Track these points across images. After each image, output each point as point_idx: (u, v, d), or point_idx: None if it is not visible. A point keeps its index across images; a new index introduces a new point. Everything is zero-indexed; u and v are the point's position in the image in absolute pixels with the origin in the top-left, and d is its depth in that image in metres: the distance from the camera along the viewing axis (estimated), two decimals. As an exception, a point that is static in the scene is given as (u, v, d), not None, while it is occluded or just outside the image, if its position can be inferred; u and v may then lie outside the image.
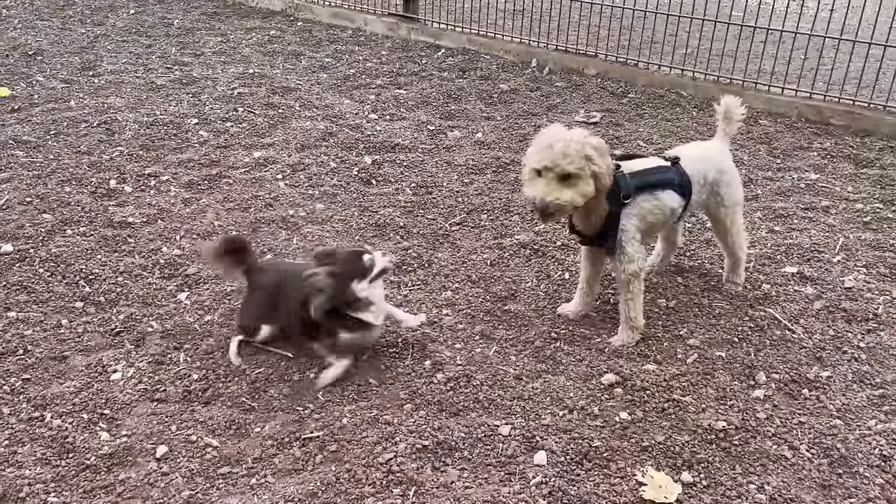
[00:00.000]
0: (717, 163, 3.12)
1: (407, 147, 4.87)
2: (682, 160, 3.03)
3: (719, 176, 3.11)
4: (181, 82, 5.96)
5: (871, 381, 2.79)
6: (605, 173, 2.76)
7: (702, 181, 3.07)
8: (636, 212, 2.92)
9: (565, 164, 2.69)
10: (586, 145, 2.73)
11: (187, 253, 3.61)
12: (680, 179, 2.99)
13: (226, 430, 2.57)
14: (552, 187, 2.72)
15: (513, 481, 2.37)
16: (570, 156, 2.69)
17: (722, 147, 3.23)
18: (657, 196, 2.95)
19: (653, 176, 2.96)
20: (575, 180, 2.72)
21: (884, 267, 3.50)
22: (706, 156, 3.14)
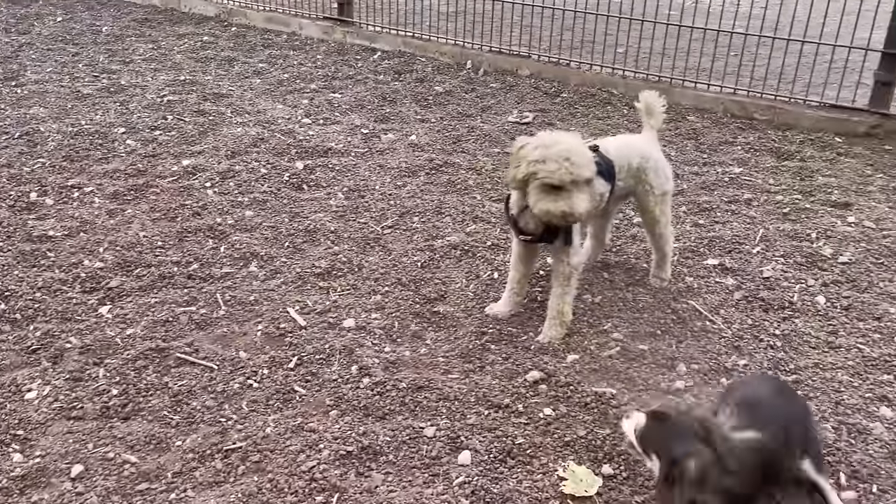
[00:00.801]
0: (642, 150, 3.19)
1: (340, 151, 4.85)
2: (603, 148, 3.09)
3: (644, 162, 3.17)
4: (109, 91, 5.82)
5: (786, 367, 2.88)
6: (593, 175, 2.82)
7: (625, 166, 3.12)
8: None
9: (586, 173, 2.73)
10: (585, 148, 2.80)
11: (110, 265, 3.53)
12: (604, 165, 3.04)
13: (145, 446, 2.52)
14: (580, 199, 2.72)
15: (436, 482, 2.37)
16: (587, 164, 2.74)
17: (647, 138, 3.29)
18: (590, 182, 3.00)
19: None
20: (586, 186, 2.77)
21: (800, 256, 3.61)
22: (629, 143, 3.22)
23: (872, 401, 2.69)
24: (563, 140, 2.77)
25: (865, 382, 2.79)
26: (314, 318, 3.20)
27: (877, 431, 2.54)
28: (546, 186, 2.74)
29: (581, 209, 2.73)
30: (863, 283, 3.39)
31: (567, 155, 2.70)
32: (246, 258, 3.63)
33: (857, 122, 5.09)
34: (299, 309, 3.25)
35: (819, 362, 2.90)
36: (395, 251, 3.73)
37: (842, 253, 3.62)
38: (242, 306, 3.28)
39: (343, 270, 3.56)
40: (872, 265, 3.53)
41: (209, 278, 3.47)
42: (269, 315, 3.21)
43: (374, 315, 3.23)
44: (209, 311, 3.23)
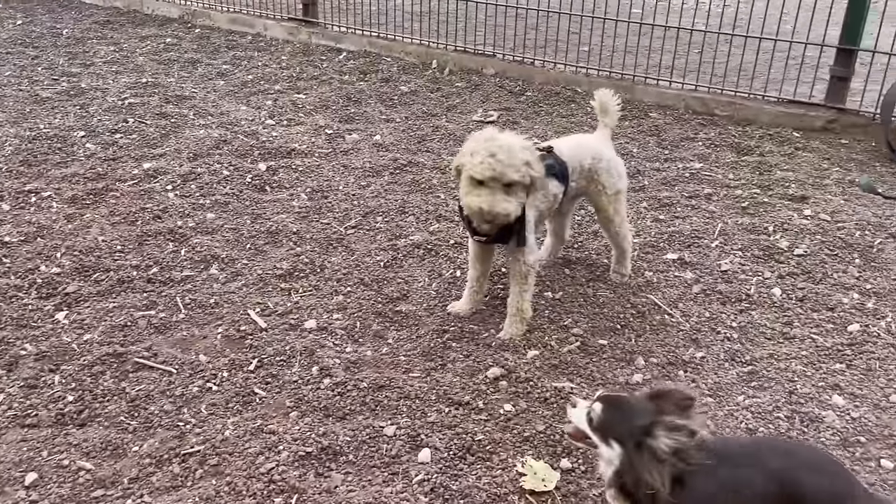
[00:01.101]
0: (593, 150, 3.21)
1: (303, 152, 4.83)
2: (557, 148, 3.10)
3: (596, 163, 3.19)
4: (69, 94, 5.74)
5: (742, 358, 2.93)
6: (539, 177, 2.81)
7: (578, 167, 3.15)
8: (532, 201, 2.97)
9: (512, 174, 2.70)
10: (525, 151, 2.76)
11: (67, 271, 3.48)
12: (557, 166, 3.07)
13: (101, 452, 2.49)
14: (499, 198, 2.72)
15: (396, 481, 2.38)
16: (516, 165, 2.71)
17: (600, 137, 3.32)
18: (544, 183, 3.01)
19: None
20: (516, 187, 2.75)
21: (757, 249, 3.67)
22: (582, 143, 3.24)
23: (825, 389, 2.75)
24: (502, 138, 2.76)
25: (818, 372, 2.84)
26: (275, 319, 3.19)
27: (829, 419, 2.59)
28: (472, 180, 2.75)
29: (499, 209, 2.70)
30: (817, 275, 3.46)
31: (495, 151, 2.70)
32: (207, 261, 3.60)
33: (814, 116, 5.19)
34: (260, 311, 3.24)
35: (774, 353, 2.95)
36: (359, 251, 3.73)
37: (798, 245, 3.69)
38: (203, 309, 3.25)
39: (305, 271, 3.54)
40: (827, 257, 3.60)
41: (169, 282, 3.44)
42: (229, 318, 3.19)
43: (335, 315, 3.22)
44: (169, 315, 3.20)
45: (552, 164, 3.03)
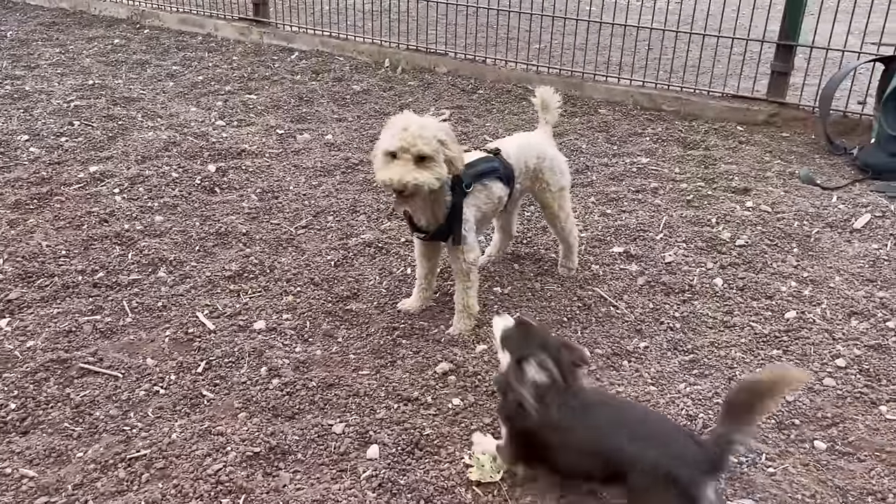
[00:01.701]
0: (537, 150, 3.26)
1: (254, 153, 4.80)
2: (504, 151, 3.15)
3: (540, 162, 3.24)
4: (12, 97, 5.62)
5: (684, 347, 3.00)
6: (458, 158, 2.83)
7: (523, 168, 3.19)
8: (473, 201, 3.02)
9: (421, 145, 2.72)
10: (439, 130, 2.79)
11: (10, 277, 3.41)
12: (503, 169, 3.11)
13: (45, 459, 2.46)
14: (409, 168, 2.73)
15: (344, 478, 2.39)
16: (426, 137, 2.73)
17: (543, 135, 3.37)
18: (486, 185, 3.05)
19: (482, 166, 3.06)
20: (430, 163, 2.76)
21: (701, 241, 3.76)
22: (526, 144, 3.27)
23: (762, 375, 2.83)
24: (416, 117, 2.81)
25: (756, 358, 2.93)
26: (224, 321, 3.17)
27: (765, 403, 2.67)
28: (385, 155, 2.79)
29: (408, 179, 2.71)
30: (758, 265, 3.56)
31: (405, 125, 2.75)
32: (155, 264, 3.57)
33: (756, 111, 5.33)
34: (209, 313, 3.22)
35: (715, 341, 3.03)
36: (309, 251, 3.73)
37: (739, 236, 3.79)
38: (150, 313, 3.22)
39: (255, 272, 3.53)
40: (767, 247, 3.71)
41: (116, 286, 3.40)
42: (177, 320, 3.17)
43: (285, 316, 3.22)
44: (115, 320, 3.16)
45: (497, 167, 3.08)
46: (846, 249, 3.68)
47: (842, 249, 3.68)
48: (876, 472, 2.41)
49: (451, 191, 2.94)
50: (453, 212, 2.97)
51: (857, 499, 2.32)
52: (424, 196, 2.84)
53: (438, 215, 2.98)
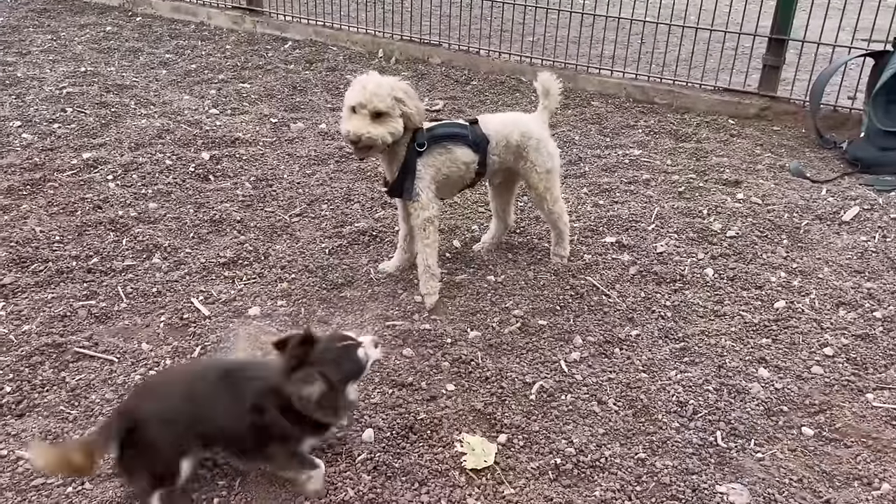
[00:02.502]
0: (523, 127, 3.30)
1: (248, 141, 4.80)
2: (484, 123, 3.27)
3: (524, 140, 3.29)
4: (3, 83, 5.59)
5: (675, 335, 3.04)
6: (414, 114, 3.05)
7: (504, 142, 3.27)
8: (431, 161, 3.18)
9: (377, 102, 2.96)
10: (396, 88, 3.01)
11: (3, 262, 3.41)
12: (473, 137, 3.22)
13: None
14: (365, 122, 2.98)
15: (339, 461, 2.41)
16: (381, 95, 2.96)
17: (536, 117, 3.40)
18: (450, 149, 3.19)
19: (445, 129, 3.22)
20: (385, 118, 2.99)
21: (692, 231, 3.80)
22: (512, 120, 3.34)
23: (752, 363, 2.88)
24: (374, 76, 3.04)
25: (746, 346, 2.97)
26: (219, 307, 3.19)
27: (754, 391, 2.72)
28: (348, 110, 3.02)
29: (363, 132, 2.96)
30: (748, 255, 3.60)
31: (365, 83, 2.99)
32: (149, 250, 3.57)
33: (747, 104, 5.37)
34: (203, 299, 3.23)
35: (705, 330, 3.07)
36: (303, 239, 3.74)
37: (730, 227, 3.83)
38: (145, 298, 3.23)
39: (249, 259, 3.54)
40: (757, 238, 3.75)
41: (110, 271, 3.41)
42: (172, 306, 3.18)
43: (280, 302, 3.24)
44: (110, 305, 3.17)
45: (461, 132, 3.21)
46: (835, 241, 3.73)
47: (831, 241, 3.73)
48: (862, 458, 2.45)
49: (406, 148, 3.13)
50: (405, 168, 3.15)
51: (843, 484, 2.37)
52: (381, 149, 3.08)
53: (394, 170, 3.19)
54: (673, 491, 2.30)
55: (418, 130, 3.15)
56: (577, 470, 2.38)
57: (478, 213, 4.05)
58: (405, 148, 3.14)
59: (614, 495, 2.29)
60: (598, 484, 2.33)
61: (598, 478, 2.35)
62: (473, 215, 4.03)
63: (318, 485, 2.27)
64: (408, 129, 3.08)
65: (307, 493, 2.27)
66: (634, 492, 2.30)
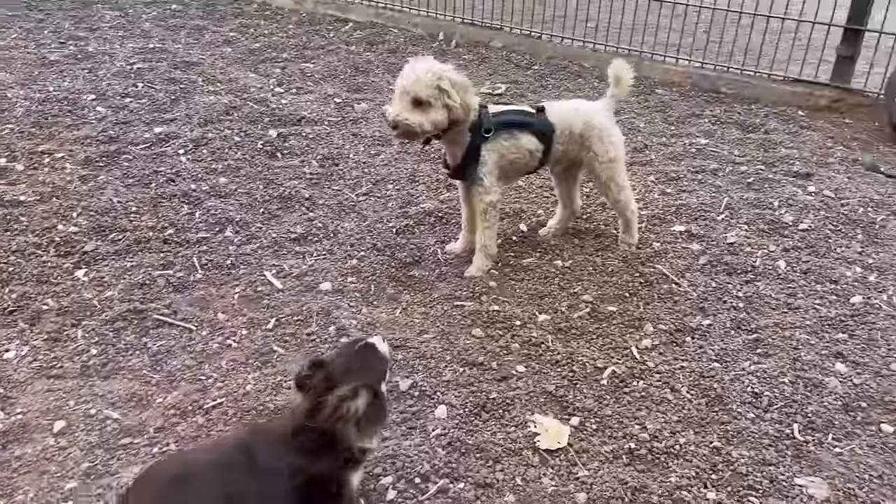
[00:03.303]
0: (587, 117, 3.29)
1: (313, 120, 4.86)
2: (550, 111, 3.27)
3: (587, 130, 3.28)
4: (76, 57, 5.74)
5: (748, 326, 3.00)
6: (457, 107, 3.02)
7: (567, 132, 3.27)
8: (495, 147, 3.19)
9: (418, 90, 2.95)
10: (442, 77, 2.98)
11: (84, 230, 3.52)
12: (539, 125, 3.22)
13: (126, 403, 2.56)
14: (405, 108, 2.99)
15: (413, 435, 2.45)
16: (424, 83, 2.95)
17: (600, 106, 3.37)
18: (516, 135, 3.21)
19: (512, 116, 3.23)
20: (426, 107, 2.98)
21: (762, 223, 3.74)
22: (577, 109, 3.34)
23: (828, 357, 2.83)
24: (424, 62, 3.03)
25: (822, 341, 2.92)
26: (291, 281, 3.25)
27: (831, 385, 2.68)
28: (396, 92, 3.05)
29: (401, 118, 2.97)
30: (821, 249, 3.53)
31: (413, 68, 3.00)
32: (221, 223, 3.65)
33: (819, 96, 5.24)
34: (276, 272, 3.29)
35: (779, 322, 3.03)
36: (371, 218, 3.78)
37: (802, 220, 3.76)
38: (219, 270, 3.31)
39: (319, 236, 3.60)
40: (831, 232, 3.67)
41: (185, 243, 3.49)
42: (245, 278, 3.25)
43: (350, 279, 3.29)
44: (186, 275, 3.25)
45: (528, 121, 3.22)
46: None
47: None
48: (944, 458, 2.40)
49: (471, 134, 3.13)
50: (469, 153, 3.17)
51: (924, 482, 2.32)
52: (421, 138, 3.10)
53: (457, 155, 3.20)
54: (750, 481, 2.29)
55: (483, 115, 3.15)
56: (652, 455, 2.38)
57: (543, 198, 4.04)
58: (469, 133, 3.14)
59: (690, 482, 2.28)
60: (672, 470, 2.33)
61: (673, 464, 2.35)
62: (539, 199, 4.02)
63: None
64: (454, 121, 3.04)
65: None
66: (710, 480, 2.30)
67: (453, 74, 3.03)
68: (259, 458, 1.84)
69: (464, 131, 3.13)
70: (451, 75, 3.02)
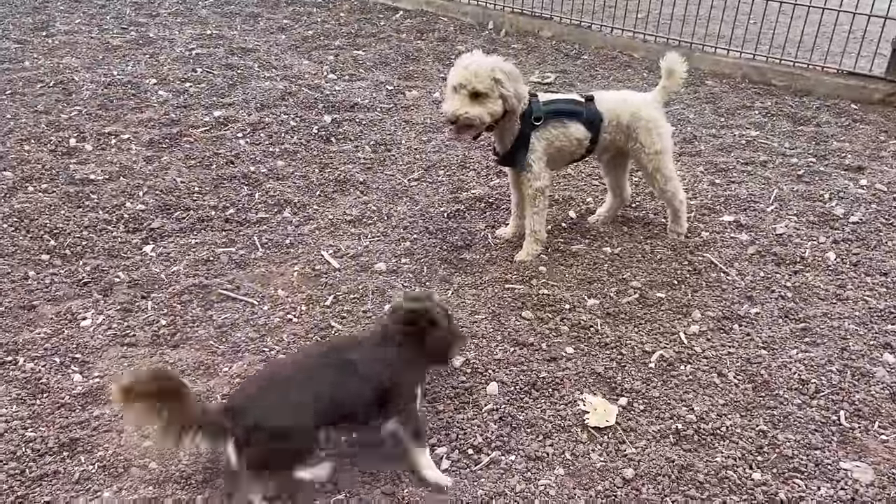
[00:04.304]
0: (635, 108, 3.34)
1: (366, 106, 4.97)
2: (599, 100, 3.33)
3: (634, 121, 3.33)
4: (137, 43, 5.94)
5: (796, 316, 3.04)
6: (511, 96, 3.11)
7: (615, 122, 3.33)
8: (545, 135, 3.27)
9: (476, 83, 3.04)
10: (496, 69, 3.07)
11: (151, 208, 3.69)
12: (588, 114, 3.29)
13: (195, 371, 2.70)
14: (464, 103, 3.07)
15: (466, 409, 2.55)
16: (481, 76, 3.04)
17: (650, 98, 3.40)
18: (565, 124, 3.29)
19: (562, 105, 3.30)
20: (484, 99, 3.07)
21: (812, 215, 3.75)
22: (625, 100, 3.38)
23: (876, 347, 2.85)
24: (476, 56, 3.12)
25: (870, 331, 2.94)
26: (347, 261, 3.37)
27: (879, 374, 2.70)
28: (451, 89, 3.12)
29: (461, 112, 3.05)
30: (872, 242, 3.53)
31: (467, 64, 3.07)
32: (280, 205, 3.79)
33: (872, 89, 5.18)
34: (333, 252, 3.42)
35: (827, 312, 3.05)
36: (422, 202, 3.88)
37: (853, 213, 3.76)
38: (278, 249, 3.45)
39: (373, 219, 3.71)
40: (882, 225, 3.66)
41: (245, 222, 3.64)
42: (304, 257, 3.38)
43: (403, 260, 3.39)
44: (247, 253, 3.40)
45: (577, 110, 3.29)
46: (966, 233, 3.61)
47: (961, 233, 3.61)
48: None
49: (521, 122, 3.21)
50: (519, 140, 3.25)
51: (972, 472, 2.35)
52: (480, 130, 3.16)
53: (506, 142, 3.29)
54: (795, 463, 2.34)
55: (533, 103, 3.22)
56: (698, 436, 2.44)
57: (592, 186, 4.10)
58: (519, 121, 3.22)
59: (735, 462, 2.35)
60: (719, 451, 2.39)
61: (720, 445, 2.41)
62: (588, 187, 4.08)
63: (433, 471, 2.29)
64: (508, 110, 3.14)
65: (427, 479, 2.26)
66: (756, 461, 2.35)
67: (505, 65, 3.12)
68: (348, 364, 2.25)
69: (514, 120, 3.21)
70: (503, 65, 3.11)
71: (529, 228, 3.40)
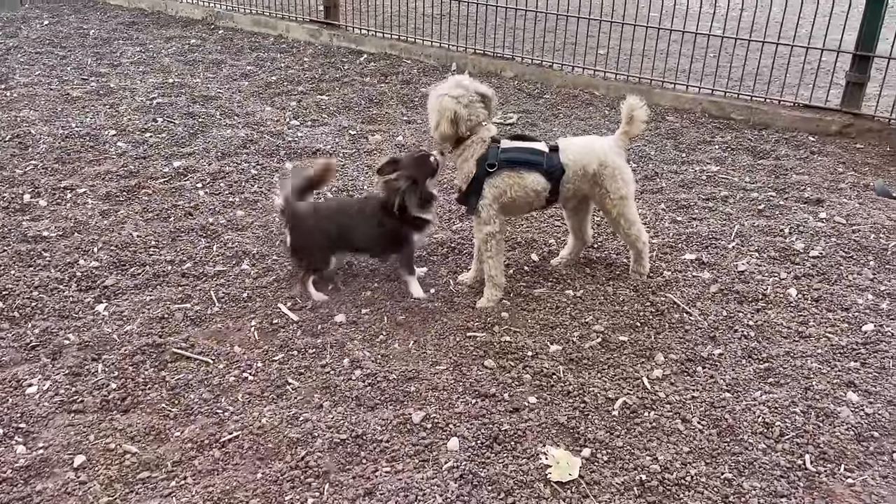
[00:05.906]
0: (601, 156, 3.31)
1: (328, 152, 4.95)
2: (564, 150, 3.29)
3: (601, 169, 3.31)
4: (98, 93, 5.89)
5: (759, 355, 3.02)
6: (463, 118, 3.19)
7: (580, 171, 3.29)
8: (498, 183, 3.26)
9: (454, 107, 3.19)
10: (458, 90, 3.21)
11: (105, 264, 3.61)
12: (549, 165, 3.25)
13: (145, 437, 2.61)
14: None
15: (426, 467, 2.48)
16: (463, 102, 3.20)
17: (613, 143, 3.38)
18: (521, 174, 3.25)
19: (520, 154, 3.26)
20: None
21: (773, 251, 3.75)
22: (590, 148, 3.34)
23: (840, 386, 2.83)
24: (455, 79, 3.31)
25: (833, 369, 2.93)
26: (306, 313, 3.30)
27: (843, 415, 2.68)
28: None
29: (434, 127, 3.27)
30: (832, 276, 3.54)
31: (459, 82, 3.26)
32: (238, 256, 3.73)
33: (829, 121, 5.26)
34: (291, 305, 3.35)
35: (790, 350, 3.04)
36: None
37: (813, 247, 3.77)
38: (236, 303, 3.38)
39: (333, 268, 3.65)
40: (842, 259, 3.68)
41: (203, 276, 3.57)
42: (262, 311, 3.31)
43: (364, 311, 3.34)
44: (204, 308, 3.32)
45: (535, 160, 3.26)
46: (925, 264, 3.63)
47: (920, 264, 3.64)
48: (958, 488, 2.39)
49: (477, 165, 3.22)
50: (473, 183, 3.28)
51: (939, 513, 2.31)
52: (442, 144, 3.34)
53: (463, 184, 3.33)
54: (761, 513, 2.29)
55: (491, 148, 3.23)
56: (663, 487, 2.39)
57: (554, 228, 4.08)
58: (476, 164, 3.23)
59: (701, 514, 2.29)
60: (684, 502, 2.34)
61: (685, 496, 2.36)
62: (550, 229, 4.07)
63: (416, 287, 3.44)
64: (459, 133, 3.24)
65: (412, 292, 3.40)
66: (721, 512, 2.30)
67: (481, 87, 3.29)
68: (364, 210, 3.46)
69: (473, 159, 3.24)
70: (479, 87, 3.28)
71: (487, 274, 3.37)
